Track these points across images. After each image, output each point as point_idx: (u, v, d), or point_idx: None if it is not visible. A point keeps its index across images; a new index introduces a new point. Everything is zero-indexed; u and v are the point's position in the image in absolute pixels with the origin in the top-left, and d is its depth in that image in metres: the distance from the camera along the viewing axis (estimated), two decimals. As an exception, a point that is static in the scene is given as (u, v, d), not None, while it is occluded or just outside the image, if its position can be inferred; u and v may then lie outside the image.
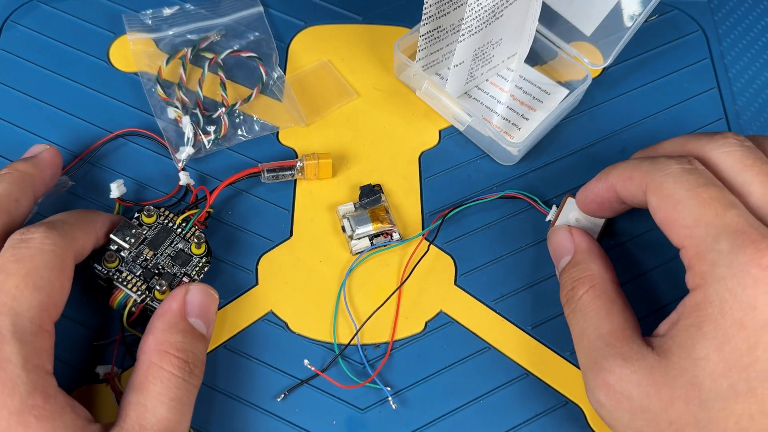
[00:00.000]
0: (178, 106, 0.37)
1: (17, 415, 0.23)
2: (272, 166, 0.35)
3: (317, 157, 0.35)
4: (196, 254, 0.32)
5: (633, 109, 0.39)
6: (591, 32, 0.37)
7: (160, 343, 0.27)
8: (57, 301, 0.26)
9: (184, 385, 0.27)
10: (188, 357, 0.27)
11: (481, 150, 0.37)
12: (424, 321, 0.33)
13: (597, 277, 0.29)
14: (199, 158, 0.36)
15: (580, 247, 0.31)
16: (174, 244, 0.32)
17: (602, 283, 0.29)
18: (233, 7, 0.41)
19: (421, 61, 0.37)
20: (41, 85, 0.38)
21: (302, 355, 0.32)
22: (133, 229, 0.31)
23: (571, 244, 0.31)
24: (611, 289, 0.29)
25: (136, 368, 0.27)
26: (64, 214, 0.29)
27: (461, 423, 0.31)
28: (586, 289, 0.29)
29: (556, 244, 0.32)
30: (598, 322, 0.28)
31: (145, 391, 0.26)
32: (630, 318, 0.28)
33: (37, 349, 0.25)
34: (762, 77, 0.41)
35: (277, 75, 0.39)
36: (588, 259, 0.30)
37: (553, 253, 0.33)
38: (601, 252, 0.31)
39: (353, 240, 0.34)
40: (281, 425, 0.31)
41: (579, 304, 0.29)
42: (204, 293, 0.30)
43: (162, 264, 0.31)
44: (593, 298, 0.29)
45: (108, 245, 0.31)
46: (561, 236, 0.32)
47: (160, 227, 0.32)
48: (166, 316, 0.28)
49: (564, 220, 0.34)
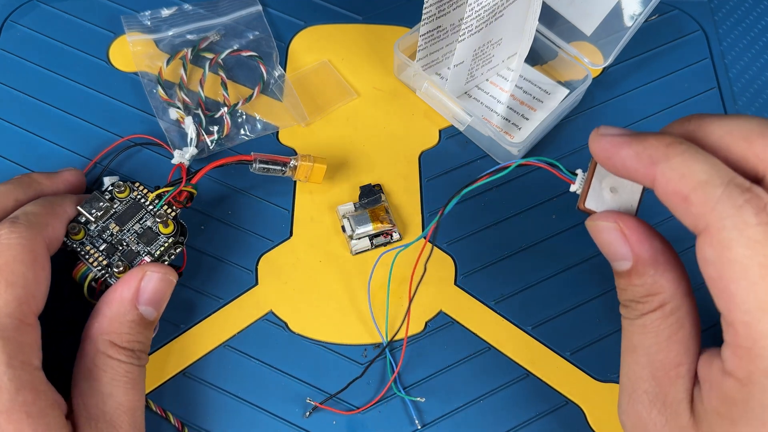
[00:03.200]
0: (179, 107, 0.37)
1: (6, 414, 0.23)
2: (265, 158, 0.34)
3: (312, 160, 0.34)
4: (164, 233, 0.31)
5: (633, 109, 0.39)
6: (591, 32, 0.37)
7: (106, 332, 0.27)
8: (35, 293, 0.26)
9: (133, 369, 0.27)
10: (135, 346, 0.28)
11: (481, 150, 0.37)
12: (424, 321, 0.33)
13: (667, 296, 0.24)
14: (202, 158, 0.36)
15: (641, 258, 0.24)
16: (142, 221, 0.31)
17: (673, 303, 0.24)
18: (232, 6, 0.41)
19: (421, 61, 0.37)
20: (41, 85, 0.38)
21: (302, 355, 0.32)
22: (101, 203, 0.31)
23: (626, 249, 0.24)
24: (684, 308, 0.24)
25: (83, 352, 0.27)
26: (30, 205, 0.29)
27: (461, 423, 0.31)
28: (652, 309, 0.24)
29: (605, 246, 0.25)
30: (655, 347, 0.24)
31: (96, 378, 0.27)
32: (693, 346, 0.24)
33: (21, 345, 0.24)
34: (762, 77, 0.41)
35: (278, 74, 0.39)
36: (655, 273, 0.24)
37: (603, 251, 0.26)
38: (669, 257, 0.24)
39: (353, 240, 0.34)
40: (281, 425, 0.31)
41: (641, 321, 0.24)
42: (161, 280, 0.29)
43: (126, 240, 0.30)
44: (659, 320, 0.24)
45: (76, 217, 0.30)
46: (610, 238, 0.25)
47: (131, 202, 0.31)
48: (114, 305, 0.28)
49: (596, 193, 0.26)
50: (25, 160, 0.36)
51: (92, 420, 0.26)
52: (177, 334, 0.32)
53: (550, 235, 0.35)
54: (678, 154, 0.22)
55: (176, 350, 0.32)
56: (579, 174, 0.27)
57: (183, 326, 0.32)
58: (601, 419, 0.31)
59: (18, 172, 0.35)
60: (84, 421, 0.26)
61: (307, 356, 0.32)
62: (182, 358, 0.32)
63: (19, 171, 0.35)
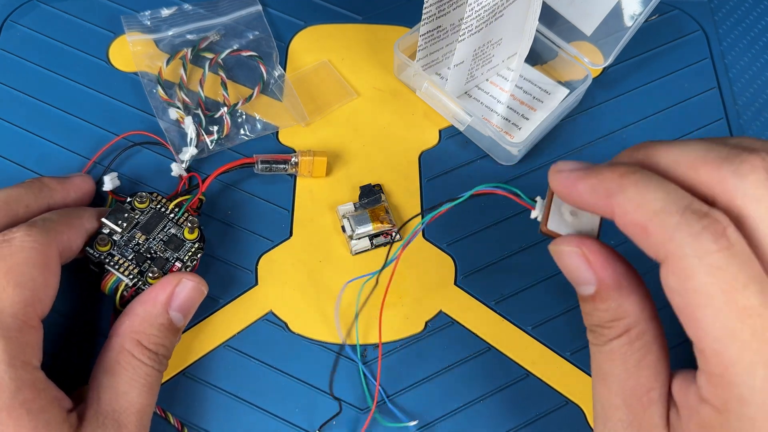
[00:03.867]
0: (179, 107, 0.37)
1: (7, 411, 0.24)
2: (267, 158, 0.35)
3: (312, 154, 0.35)
4: (189, 239, 0.32)
5: (633, 109, 0.39)
6: (591, 32, 0.37)
7: (135, 332, 0.28)
8: (42, 296, 0.26)
9: (153, 372, 0.28)
10: (160, 350, 0.28)
11: (482, 150, 0.37)
12: (424, 321, 0.33)
13: (632, 321, 0.24)
14: (202, 158, 0.36)
15: (604, 282, 0.24)
16: (166, 229, 0.32)
17: (639, 328, 0.24)
18: (232, 6, 0.41)
19: (421, 61, 0.37)
20: (41, 85, 0.38)
21: (302, 355, 0.32)
22: (126, 213, 0.31)
23: (590, 274, 0.24)
24: (650, 333, 0.24)
25: (108, 347, 0.28)
26: (49, 213, 0.29)
27: (461, 423, 0.31)
28: (618, 334, 0.24)
29: (568, 270, 0.25)
30: (624, 374, 0.24)
31: (116, 375, 0.27)
32: (662, 369, 0.24)
33: (22, 345, 0.25)
34: (762, 77, 0.41)
35: (278, 73, 0.39)
36: (619, 297, 0.24)
37: (566, 276, 0.25)
38: (632, 280, 0.24)
39: (353, 240, 0.34)
40: (281, 425, 0.31)
41: (608, 347, 0.24)
42: (194, 289, 0.30)
43: (154, 248, 0.31)
44: (625, 345, 0.24)
45: (100, 229, 0.31)
46: (573, 263, 0.24)
47: (152, 212, 0.32)
48: (148, 305, 0.29)
49: (556, 217, 0.26)
50: (25, 160, 0.36)
51: (100, 415, 0.26)
52: (177, 334, 0.32)
53: (550, 235, 0.35)
54: (632, 184, 0.22)
55: (176, 350, 0.32)
56: (538, 201, 0.27)
57: (183, 326, 0.32)
58: (601, 419, 0.31)
59: (18, 172, 0.35)
60: (92, 414, 0.26)
61: (307, 356, 0.32)
62: (182, 358, 0.32)
63: (20, 171, 0.35)
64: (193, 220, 0.32)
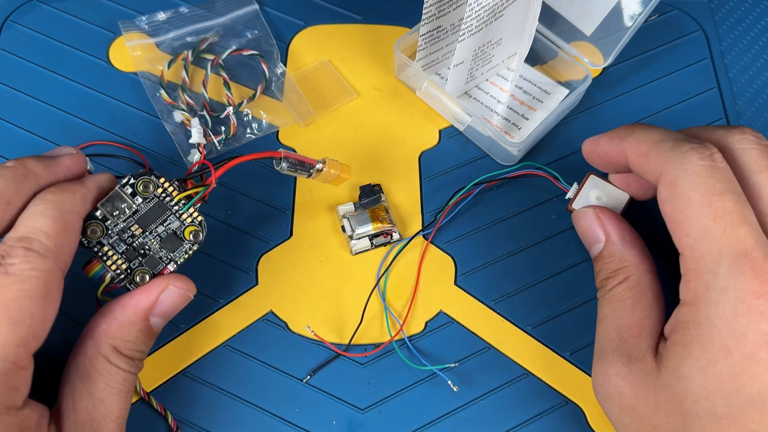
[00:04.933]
0: (184, 109, 0.37)
1: None
2: (293, 158, 0.32)
3: (339, 168, 0.33)
4: (189, 240, 0.29)
5: (633, 109, 0.39)
6: (591, 32, 0.37)
7: (112, 337, 0.27)
8: (38, 332, 0.24)
9: (129, 377, 0.27)
10: (135, 355, 0.27)
11: (481, 150, 0.37)
12: (424, 321, 0.33)
13: (631, 268, 0.29)
14: (210, 159, 0.36)
15: (611, 237, 0.30)
16: (167, 224, 0.29)
17: (636, 275, 0.28)
18: (228, 6, 0.41)
19: (421, 61, 0.37)
20: (41, 85, 0.38)
21: (302, 355, 0.32)
22: (123, 203, 0.28)
23: (600, 231, 0.30)
24: (645, 280, 0.28)
25: (82, 349, 0.27)
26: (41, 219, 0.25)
27: (461, 423, 0.31)
28: (619, 281, 0.29)
29: (584, 230, 0.31)
30: (621, 313, 0.28)
31: (91, 380, 0.26)
32: (654, 312, 0.27)
33: (9, 390, 0.23)
34: (762, 77, 0.41)
35: (280, 71, 0.39)
36: (622, 249, 0.29)
37: (583, 239, 0.31)
38: (634, 238, 0.30)
39: (353, 240, 0.34)
40: (281, 425, 0.31)
41: (610, 293, 0.29)
42: (179, 296, 0.28)
43: (149, 245, 0.28)
44: (624, 290, 0.28)
45: (93, 212, 0.28)
46: (588, 222, 0.31)
47: (155, 201, 0.29)
48: (129, 311, 0.27)
49: (584, 198, 0.32)
50: (25, 160, 0.36)
51: (78, 424, 0.25)
52: (177, 334, 0.32)
53: (550, 235, 0.35)
54: (639, 127, 0.28)
55: (176, 350, 0.32)
56: (574, 185, 0.33)
57: (183, 326, 0.32)
58: (601, 419, 0.31)
59: (18, 172, 0.35)
60: (70, 425, 0.25)
61: (307, 356, 0.32)
62: (182, 358, 0.32)
63: (19, 171, 0.35)
64: (201, 225, 0.29)
